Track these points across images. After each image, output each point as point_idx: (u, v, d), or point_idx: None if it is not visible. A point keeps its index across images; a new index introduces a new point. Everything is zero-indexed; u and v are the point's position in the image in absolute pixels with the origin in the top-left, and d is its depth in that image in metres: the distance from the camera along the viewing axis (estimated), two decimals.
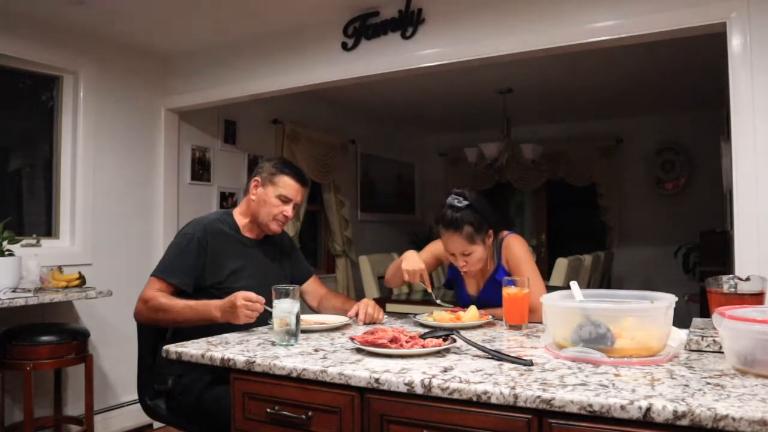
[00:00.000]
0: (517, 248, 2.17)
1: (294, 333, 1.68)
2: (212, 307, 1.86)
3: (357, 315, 2.08)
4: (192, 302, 1.93)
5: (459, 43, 2.99)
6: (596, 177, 6.44)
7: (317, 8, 3.29)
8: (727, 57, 2.43)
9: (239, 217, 2.20)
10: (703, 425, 1.02)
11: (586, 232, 6.77)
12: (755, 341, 1.23)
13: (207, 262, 2.05)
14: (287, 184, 2.12)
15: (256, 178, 2.16)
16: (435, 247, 2.33)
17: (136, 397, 2.27)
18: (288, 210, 2.12)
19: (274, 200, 2.10)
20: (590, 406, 1.10)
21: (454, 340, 1.56)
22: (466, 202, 2.09)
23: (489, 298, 2.16)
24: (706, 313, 2.22)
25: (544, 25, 2.78)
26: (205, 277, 2.05)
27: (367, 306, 2.09)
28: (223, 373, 1.61)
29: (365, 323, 2.05)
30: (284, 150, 5.05)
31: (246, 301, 1.78)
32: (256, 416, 1.53)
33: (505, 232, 2.23)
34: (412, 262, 2.14)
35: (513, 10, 2.86)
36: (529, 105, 5.72)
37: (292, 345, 1.67)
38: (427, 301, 4.02)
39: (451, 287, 2.45)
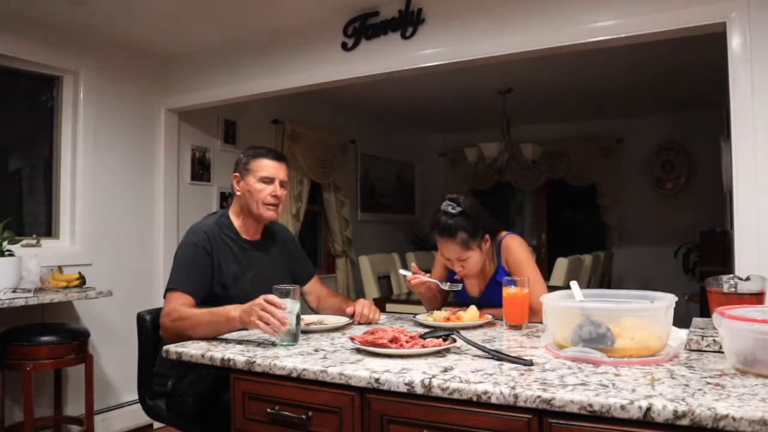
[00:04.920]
0: (516, 249, 2.15)
1: (294, 333, 1.68)
2: (231, 307, 1.76)
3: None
4: (213, 308, 1.83)
5: (459, 43, 2.99)
6: (596, 177, 6.44)
7: (317, 8, 3.29)
8: (727, 57, 2.43)
9: (234, 218, 2.14)
10: (703, 425, 1.02)
11: (586, 232, 6.76)
12: (755, 341, 1.23)
13: (214, 270, 2.01)
14: (263, 165, 2.07)
15: (234, 174, 2.13)
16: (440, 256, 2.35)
17: (136, 397, 2.27)
18: (275, 190, 2.08)
19: (257, 186, 2.06)
20: (590, 405, 1.10)
21: (454, 340, 1.56)
22: (459, 209, 2.07)
23: (490, 300, 2.14)
24: (706, 313, 2.22)
25: (544, 25, 2.78)
26: (212, 286, 2.00)
27: (363, 306, 2.09)
28: (223, 373, 1.61)
29: (359, 323, 2.06)
30: (284, 150, 5.05)
31: (267, 303, 1.64)
32: (256, 416, 1.53)
33: (504, 233, 2.20)
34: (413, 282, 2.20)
35: (513, 10, 2.86)
36: (529, 105, 5.71)
37: (292, 345, 1.67)
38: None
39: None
